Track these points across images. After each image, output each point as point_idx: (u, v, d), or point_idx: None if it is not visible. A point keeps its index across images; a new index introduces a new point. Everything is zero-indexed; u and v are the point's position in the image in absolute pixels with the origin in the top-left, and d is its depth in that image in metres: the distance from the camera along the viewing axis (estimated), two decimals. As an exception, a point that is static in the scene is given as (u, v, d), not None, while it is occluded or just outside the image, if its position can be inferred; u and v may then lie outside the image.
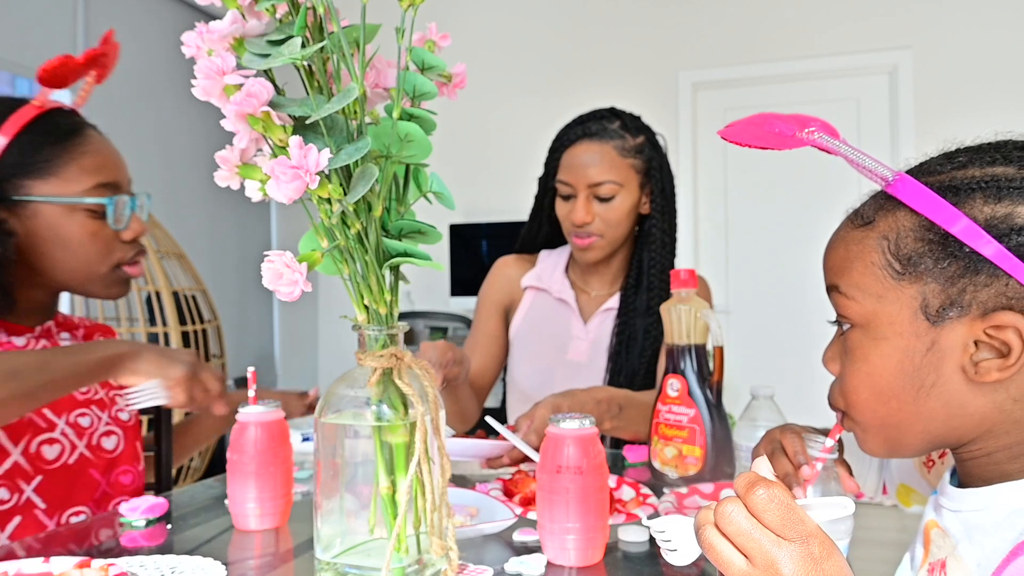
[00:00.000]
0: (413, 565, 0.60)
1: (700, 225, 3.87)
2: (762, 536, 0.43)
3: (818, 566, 0.42)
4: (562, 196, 1.32)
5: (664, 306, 1.02)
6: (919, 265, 0.51)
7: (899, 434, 0.55)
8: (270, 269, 0.54)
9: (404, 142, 0.58)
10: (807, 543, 0.42)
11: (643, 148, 1.30)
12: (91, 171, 0.94)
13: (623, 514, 0.83)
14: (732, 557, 0.44)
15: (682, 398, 0.98)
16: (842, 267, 0.56)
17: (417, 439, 0.58)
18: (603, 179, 1.26)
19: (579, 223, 1.28)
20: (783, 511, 0.43)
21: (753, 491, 0.44)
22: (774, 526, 0.43)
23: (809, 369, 4.24)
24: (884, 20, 3.49)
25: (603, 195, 1.27)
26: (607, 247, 1.32)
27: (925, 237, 0.51)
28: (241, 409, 0.84)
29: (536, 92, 4.03)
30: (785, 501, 0.43)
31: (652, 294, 1.34)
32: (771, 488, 0.43)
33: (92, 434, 0.98)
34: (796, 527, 0.43)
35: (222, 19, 0.54)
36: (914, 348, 0.52)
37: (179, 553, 0.72)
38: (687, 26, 3.80)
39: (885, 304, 0.53)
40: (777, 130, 0.58)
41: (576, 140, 1.30)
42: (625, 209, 1.29)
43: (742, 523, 0.43)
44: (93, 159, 0.94)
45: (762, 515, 0.43)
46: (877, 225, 0.55)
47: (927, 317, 0.51)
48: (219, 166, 0.57)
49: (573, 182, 1.28)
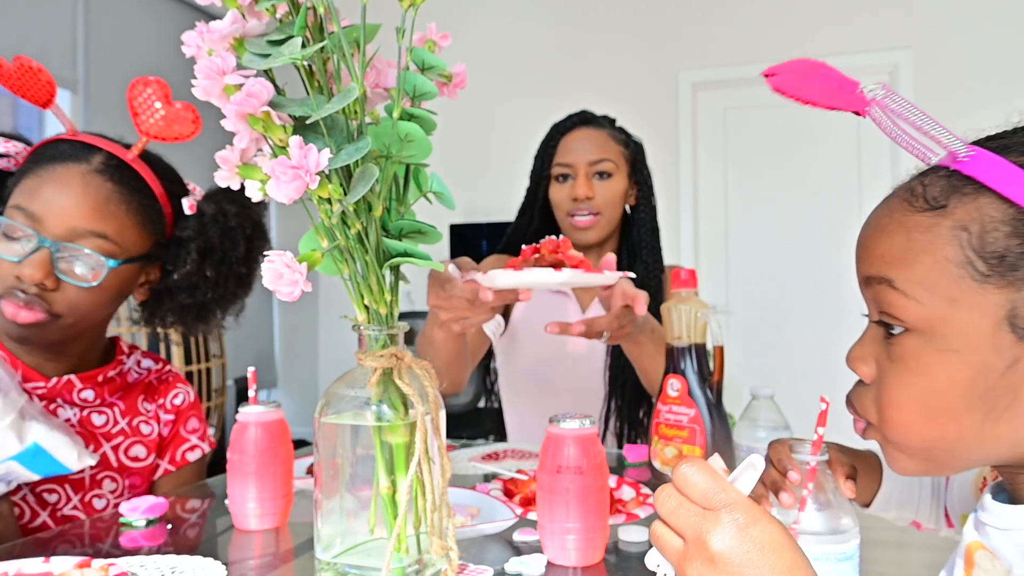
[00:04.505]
0: (413, 565, 0.60)
1: (700, 225, 3.88)
2: (688, 511, 0.42)
3: (743, 532, 0.40)
4: (559, 181, 1.36)
5: (664, 306, 1.02)
6: (1015, 268, 0.42)
7: (947, 457, 0.48)
8: (270, 269, 0.54)
9: (404, 142, 0.58)
10: (731, 511, 0.41)
11: (628, 142, 1.40)
12: (26, 192, 0.89)
13: (623, 514, 0.83)
14: (670, 540, 0.43)
15: (682, 398, 0.98)
16: (901, 258, 0.47)
17: (417, 439, 0.58)
18: (603, 156, 1.34)
19: (580, 197, 1.32)
20: (704, 482, 0.41)
21: (677, 468, 0.42)
22: (698, 499, 0.41)
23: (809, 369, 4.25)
24: (884, 20, 3.49)
25: (603, 170, 1.34)
26: (606, 227, 1.36)
27: (1021, 232, 0.42)
28: (241, 409, 0.84)
29: (536, 92, 4.03)
30: (706, 473, 0.42)
31: (648, 271, 1.37)
32: (693, 463, 0.42)
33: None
34: (718, 496, 0.41)
35: (222, 19, 0.54)
36: (991, 365, 0.44)
37: (179, 553, 0.72)
38: (687, 26, 3.80)
39: (959, 310, 0.44)
40: (836, 84, 0.48)
41: (574, 126, 1.38)
42: (620, 191, 1.36)
43: (671, 502, 0.42)
44: (37, 183, 0.89)
45: (686, 489, 0.42)
46: (952, 212, 0.45)
47: (1014, 330, 0.43)
48: (219, 166, 0.57)
49: (574, 162, 1.34)
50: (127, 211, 0.92)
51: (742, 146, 3.81)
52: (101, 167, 0.91)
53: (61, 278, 0.88)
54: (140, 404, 1.04)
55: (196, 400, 1.11)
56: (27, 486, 0.90)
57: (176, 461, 1.05)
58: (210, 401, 2.91)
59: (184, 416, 1.08)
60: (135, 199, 0.93)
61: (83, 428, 0.97)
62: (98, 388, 0.99)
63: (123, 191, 0.92)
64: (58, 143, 0.93)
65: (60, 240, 0.88)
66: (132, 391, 1.04)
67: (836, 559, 0.56)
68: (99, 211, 0.90)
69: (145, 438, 1.02)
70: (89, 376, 0.97)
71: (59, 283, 0.89)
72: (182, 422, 1.07)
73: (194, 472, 1.08)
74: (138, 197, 0.93)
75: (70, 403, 0.96)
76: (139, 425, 1.02)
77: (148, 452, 1.02)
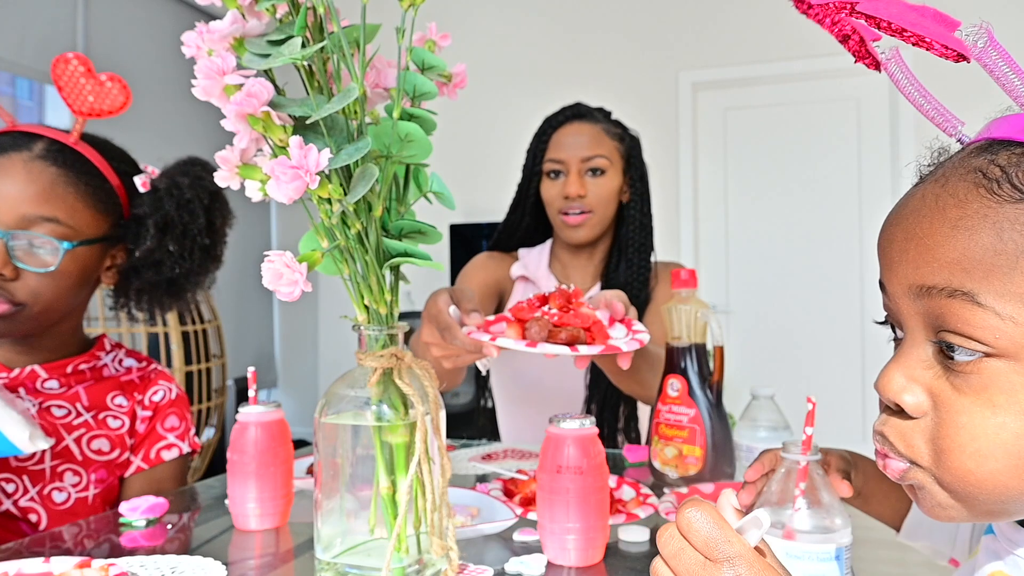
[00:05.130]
0: (413, 565, 0.60)
1: (700, 225, 3.88)
2: (690, 558, 0.39)
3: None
4: (551, 177, 1.35)
5: (664, 306, 1.02)
6: None
7: (1009, 508, 0.41)
8: (270, 269, 0.54)
9: (404, 142, 0.58)
10: (733, 566, 0.38)
11: (623, 137, 1.36)
12: None
13: (623, 514, 0.83)
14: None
15: (682, 398, 0.98)
16: (990, 264, 0.37)
17: (417, 439, 0.58)
18: (595, 152, 1.31)
19: (572, 195, 1.30)
20: (709, 530, 0.39)
21: (682, 511, 0.40)
22: (700, 546, 0.39)
23: (809, 369, 4.24)
24: (884, 20, 3.49)
25: (595, 167, 1.31)
26: (597, 225, 1.34)
27: None
28: (241, 409, 0.84)
29: (536, 92, 4.03)
30: (711, 520, 0.39)
31: (632, 270, 1.35)
32: (699, 507, 0.39)
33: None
34: (721, 547, 0.38)
35: (222, 19, 0.54)
36: None
37: (179, 553, 0.72)
38: (687, 26, 3.80)
39: None
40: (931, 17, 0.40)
41: (565, 121, 1.35)
42: (613, 188, 1.33)
43: (673, 545, 0.40)
44: None
45: (689, 535, 0.39)
46: None
47: None
48: (219, 166, 0.57)
49: (565, 158, 1.32)
50: (75, 193, 0.93)
51: (742, 146, 3.81)
52: (43, 152, 0.92)
53: (19, 266, 0.89)
54: (111, 399, 1.02)
55: (180, 398, 1.08)
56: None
57: (150, 459, 1.02)
58: (210, 401, 2.91)
59: (162, 413, 1.05)
60: (82, 181, 0.93)
61: (41, 419, 0.95)
62: (64, 378, 0.98)
63: (68, 174, 0.92)
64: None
65: (11, 229, 0.88)
66: (102, 385, 1.02)
67: (826, 558, 0.56)
68: (45, 195, 0.90)
69: (111, 431, 1.00)
70: (56, 366, 0.97)
71: (18, 272, 0.89)
72: (160, 419, 1.04)
73: (170, 472, 1.04)
74: (85, 179, 0.94)
75: (31, 393, 0.95)
76: (106, 419, 1.00)
77: (113, 446, 1.00)
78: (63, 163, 0.93)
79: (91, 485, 0.98)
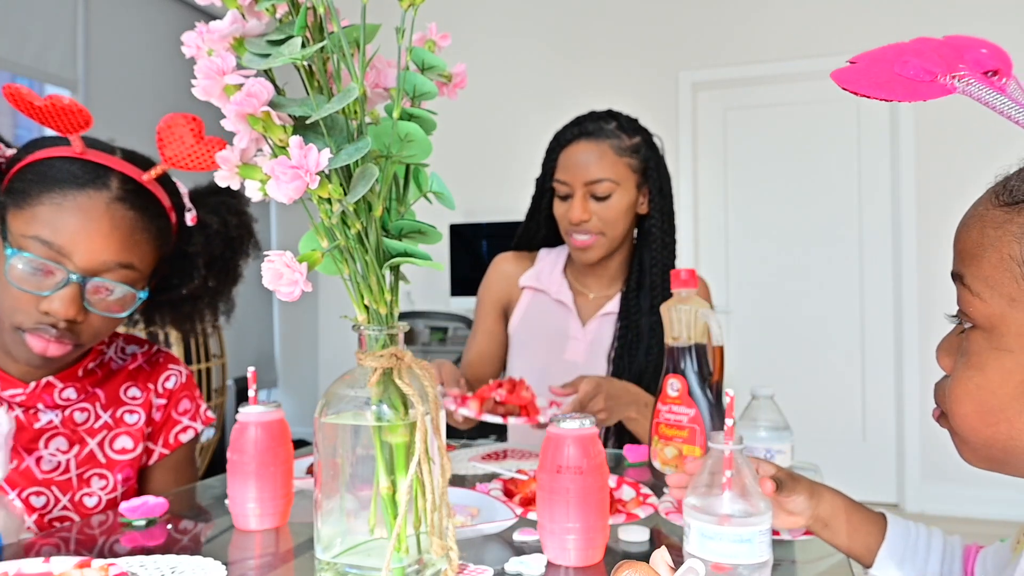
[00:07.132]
0: (413, 565, 0.60)
1: (700, 225, 3.88)
2: None
3: None
4: (560, 196, 1.33)
5: (664, 306, 1.02)
6: None
7: (1005, 456, 0.48)
8: (270, 269, 0.54)
9: (404, 142, 0.58)
10: None
11: (639, 148, 1.31)
12: (44, 223, 0.85)
13: (623, 514, 0.83)
14: None
15: (682, 398, 0.98)
16: (972, 254, 0.46)
17: (417, 439, 0.58)
18: (599, 177, 1.27)
19: (576, 221, 1.29)
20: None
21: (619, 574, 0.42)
22: None
23: (809, 369, 4.24)
24: (885, 20, 3.49)
25: (599, 193, 1.28)
26: (606, 245, 1.32)
27: None
28: (241, 409, 0.84)
29: (536, 92, 4.03)
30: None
31: (655, 293, 1.34)
32: (634, 570, 0.41)
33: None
34: None
35: (222, 19, 0.54)
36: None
37: (179, 553, 0.72)
38: (687, 26, 3.80)
39: (1017, 310, 0.44)
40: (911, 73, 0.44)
41: (573, 140, 1.31)
42: (622, 208, 1.30)
43: None
44: (55, 213, 0.85)
45: None
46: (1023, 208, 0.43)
47: None
48: (219, 166, 0.57)
49: (570, 180, 1.29)
50: (148, 238, 0.91)
51: (742, 146, 3.81)
52: (121, 194, 0.89)
53: (89, 310, 0.88)
54: (124, 392, 1.02)
55: (189, 380, 1.10)
56: (15, 491, 0.90)
57: (170, 444, 1.05)
58: (210, 401, 2.91)
59: (176, 399, 1.07)
60: (154, 224, 0.92)
61: (66, 428, 0.96)
62: (79, 384, 0.98)
63: (143, 218, 0.91)
64: (65, 163, 0.88)
65: (88, 274, 0.87)
66: (114, 380, 1.02)
67: (747, 539, 0.61)
68: (127, 242, 0.88)
69: (131, 428, 1.01)
70: (69, 374, 0.96)
71: (87, 315, 0.88)
72: (174, 405, 1.07)
73: (186, 453, 1.08)
74: (156, 222, 0.93)
75: (51, 406, 0.95)
76: (123, 415, 1.01)
77: (135, 443, 1.01)
78: (139, 206, 0.90)
79: (118, 485, 0.99)
